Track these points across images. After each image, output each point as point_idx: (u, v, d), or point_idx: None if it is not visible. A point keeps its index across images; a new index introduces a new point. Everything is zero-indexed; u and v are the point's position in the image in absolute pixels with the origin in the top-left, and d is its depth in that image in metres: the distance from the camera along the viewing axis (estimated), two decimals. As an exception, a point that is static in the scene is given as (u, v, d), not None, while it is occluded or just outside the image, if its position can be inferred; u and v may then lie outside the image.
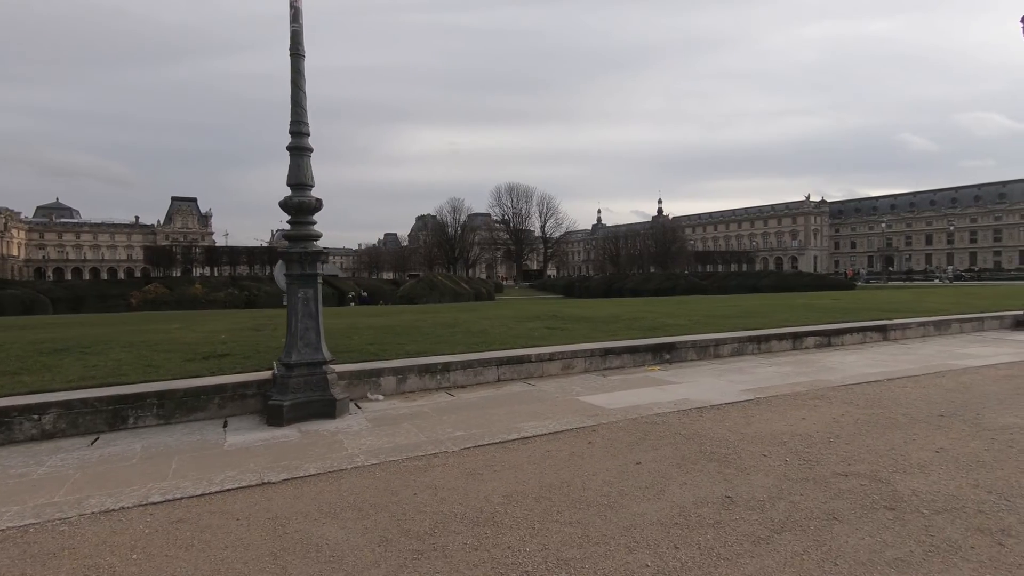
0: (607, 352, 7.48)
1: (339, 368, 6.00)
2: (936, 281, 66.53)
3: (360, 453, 4.12)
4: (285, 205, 5.26)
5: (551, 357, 7.07)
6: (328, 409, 5.13)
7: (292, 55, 5.22)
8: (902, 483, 3.42)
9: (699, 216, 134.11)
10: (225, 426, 4.97)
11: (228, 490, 3.46)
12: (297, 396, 5.06)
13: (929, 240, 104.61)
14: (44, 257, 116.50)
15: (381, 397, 5.95)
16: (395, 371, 6.16)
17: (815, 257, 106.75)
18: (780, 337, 9.01)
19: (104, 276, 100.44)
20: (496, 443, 4.30)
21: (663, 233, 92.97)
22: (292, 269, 5.24)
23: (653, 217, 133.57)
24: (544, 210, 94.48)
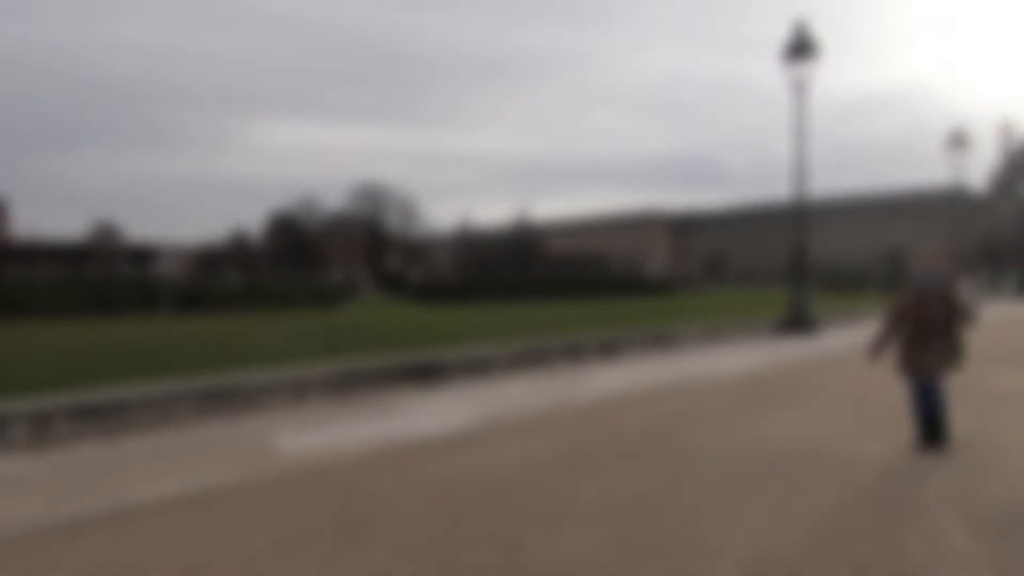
0: (355, 377, 6.64)
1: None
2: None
3: None
4: None
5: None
6: None
7: None
8: (531, 544, 2.94)
9: (559, 223, 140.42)
10: None
11: None
12: None
13: (752, 248, 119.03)
14: None
15: None
16: None
17: (658, 263, 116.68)
18: (532, 353, 8.82)
19: None
20: None
21: (523, 238, 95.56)
22: None
23: (516, 223, 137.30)
24: (404, 211, 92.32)
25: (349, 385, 6.60)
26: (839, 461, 4.18)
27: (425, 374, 7.24)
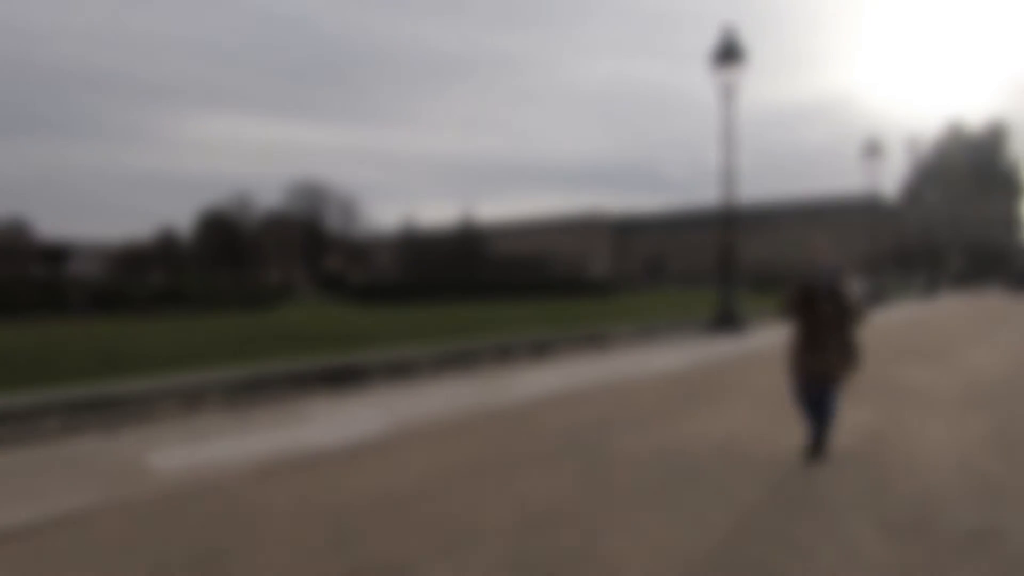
0: (255, 384, 6.11)
1: None
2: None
3: None
4: None
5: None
6: None
7: None
8: (422, 570, 2.62)
9: (503, 225, 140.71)
10: None
11: None
12: None
13: (689, 250, 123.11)
14: None
15: None
16: None
17: (600, 264, 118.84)
18: (464, 354, 8.53)
19: None
20: None
21: (468, 239, 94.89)
22: None
23: (461, 224, 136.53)
24: (345, 210, 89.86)
25: (253, 392, 6.07)
26: (755, 462, 4.07)
27: (341, 378, 6.77)
